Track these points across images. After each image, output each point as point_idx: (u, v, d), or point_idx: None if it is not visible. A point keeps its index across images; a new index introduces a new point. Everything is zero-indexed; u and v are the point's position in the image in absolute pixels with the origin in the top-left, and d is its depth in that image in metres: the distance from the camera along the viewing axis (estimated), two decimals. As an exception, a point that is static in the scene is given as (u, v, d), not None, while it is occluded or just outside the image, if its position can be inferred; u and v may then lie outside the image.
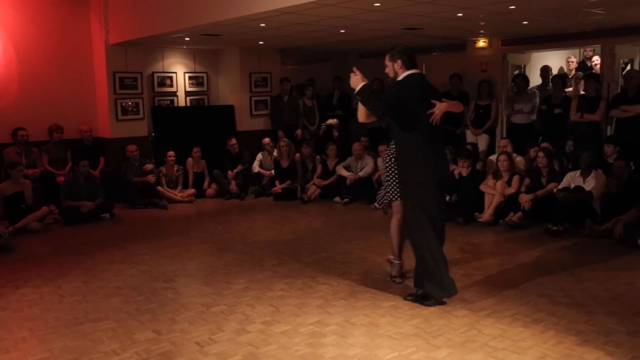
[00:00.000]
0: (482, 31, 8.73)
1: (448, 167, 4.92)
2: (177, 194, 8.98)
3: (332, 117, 10.27)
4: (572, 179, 6.82)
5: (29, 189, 7.43)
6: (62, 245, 6.57)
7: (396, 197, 4.68)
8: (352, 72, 4.46)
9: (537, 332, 3.87)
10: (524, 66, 10.12)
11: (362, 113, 4.60)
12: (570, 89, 9.05)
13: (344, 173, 8.75)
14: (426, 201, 4.28)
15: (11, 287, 5.04)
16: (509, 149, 7.69)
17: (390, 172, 4.69)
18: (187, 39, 8.83)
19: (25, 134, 8.26)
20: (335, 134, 10.05)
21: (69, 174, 8.13)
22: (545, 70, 9.33)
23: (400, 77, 4.42)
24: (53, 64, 8.91)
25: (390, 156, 4.65)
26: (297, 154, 9.33)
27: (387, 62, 4.50)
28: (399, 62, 4.42)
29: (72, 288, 4.99)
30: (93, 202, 7.71)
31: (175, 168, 9.14)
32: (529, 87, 8.94)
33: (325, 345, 3.74)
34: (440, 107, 4.27)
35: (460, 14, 6.69)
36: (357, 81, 4.39)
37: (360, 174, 8.68)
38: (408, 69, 4.42)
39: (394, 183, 4.66)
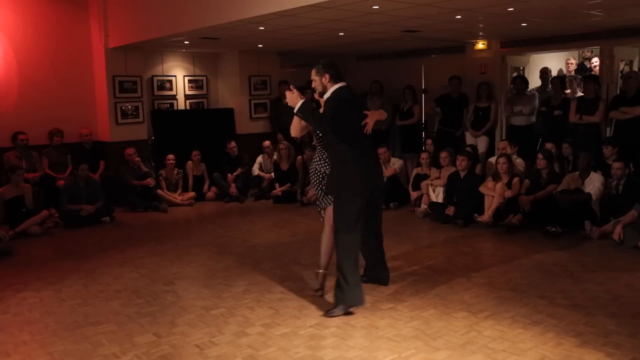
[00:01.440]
0: (481, 33, 8.74)
1: (382, 177, 4.98)
2: (177, 197, 8.99)
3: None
4: (571, 180, 6.83)
5: (29, 192, 7.44)
6: (62, 249, 6.58)
7: (328, 203, 4.63)
8: (289, 90, 4.51)
9: (536, 333, 3.87)
10: (523, 68, 10.13)
11: (295, 128, 4.70)
12: (569, 90, 9.06)
13: (344, 175, 8.73)
14: (355, 211, 4.31)
15: (11, 290, 5.05)
16: (509, 150, 7.70)
17: (318, 178, 4.66)
18: (186, 42, 8.85)
19: (25, 138, 8.28)
20: None
21: (69, 178, 8.14)
22: (544, 72, 9.34)
23: (329, 91, 4.49)
24: (53, 68, 8.92)
25: (317, 164, 4.66)
26: (299, 157, 9.33)
27: (315, 77, 4.55)
28: (327, 76, 4.49)
29: (72, 291, 5.00)
30: (93, 206, 7.72)
31: (175, 171, 9.14)
32: (528, 89, 8.96)
33: (325, 347, 3.74)
34: (372, 117, 4.46)
35: (459, 17, 6.70)
36: (295, 99, 4.44)
37: (360, 176, 8.66)
38: (335, 82, 4.49)
39: (323, 190, 4.64)
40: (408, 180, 8.65)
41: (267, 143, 9.75)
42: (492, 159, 7.93)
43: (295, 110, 4.45)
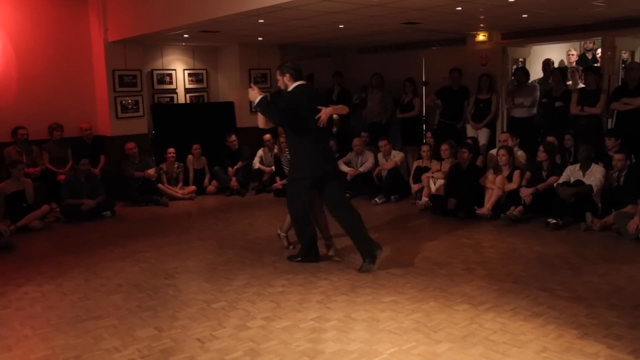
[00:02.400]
0: (481, 25, 8.70)
1: (334, 163, 5.79)
2: (177, 191, 8.99)
3: (332, 113, 10.23)
4: (572, 172, 6.81)
5: (30, 187, 7.44)
6: (64, 244, 6.58)
7: None
8: (250, 87, 5.21)
9: (537, 325, 3.87)
10: (523, 60, 10.07)
11: (261, 121, 5.36)
12: (571, 82, 9.03)
13: (345, 168, 8.75)
14: (304, 192, 5.19)
15: (13, 285, 5.06)
16: (510, 143, 7.68)
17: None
18: (185, 35, 8.82)
19: (26, 133, 8.27)
20: (334, 129, 10.03)
21: (69, 173, 8.14)
22: (546, 64, 9.31)
23: (290, 88, 5.20)
24: (52, 63, 8.90)
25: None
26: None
27: (278, 77, 5.27)
28: (288, 75, 5.21)
29: (73, 286, 5.00)
30: (94, 200, 7.73)
31: (176, 165, 9.14)
32: (529, 81, 8.92)
33: (326, 340, 3.74)
34: (325, 112, 5.10)
35: (460, 8, 6.67)
36: (255, 95, 5.11)
37: (361, 169, 8.67)
38: (296, 80, 5.20)
39: None
40: (409, 173, 8.65)
41: (267, 136, 9.73)
42: (493, 151, 7.91)
43: (254, 105, 5.14)
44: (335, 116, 10.03)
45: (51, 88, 8.86)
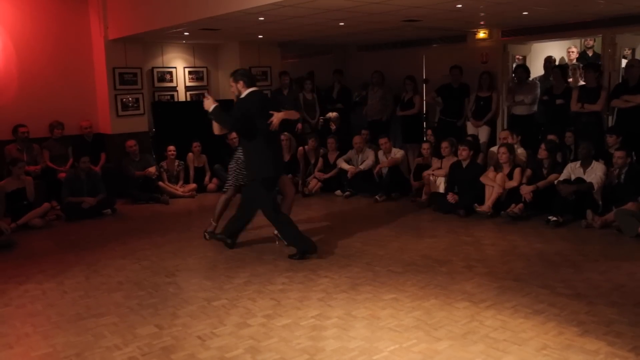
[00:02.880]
0: (482, 22, 8.69)
1: (281, 166, 6.00)
2: (178, 189, 9.00)
3: (333, 111, 10.25)
4: (572, 170, 6.81)
5: (30, 185, 7.44)
6: (64, 241, 6.59)
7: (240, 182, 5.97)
8: (205, 97, 5.54)
9: (538, 323, 3.88)
10: (521, 57, 10.04)
11: (216, 128, 5.61)
12: (572, 79, 9.02)
13: (345, 166, 8.75)
14: (262, 190, 5.53)
15: (14, 283, 5.06)
16: (510, 140, 7.68)
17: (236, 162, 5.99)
18: (186, 33, 8.81)
19: (26, 131, 8.27)
20: (333, 126, 10.03)
21: (70, 171, 8.14)
22: (548, 61, 9.30)
23: (243, 95, 5.47)
24: (52, 61, 8.90)
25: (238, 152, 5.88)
26: (300, 148, 9.32)
27: (232, 83, 5.55)
28: (242, 82, 5.50)
29: (74, 284, 5.01)
30: (94, 198, 7.73)
31: (176, 163, 9.14)
32: (530, 78, 8.91)
33: (327, 338, 3.75)
34: (277, 116, 5.41)
35: (460, 5, 6.66)
36: (209, 104, 5.43)
37: (361, 167, 8.67)
38: (249, 87, 5.50)
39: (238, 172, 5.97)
40: (409, 171, 8.64)
41: (268, 134, 9.72)
42: (494, 149, 7.90)
43: (209, 113, 5.42)
44: (333, 114, 10.10)
45: (51, 86, 8.87)
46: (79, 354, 3.62)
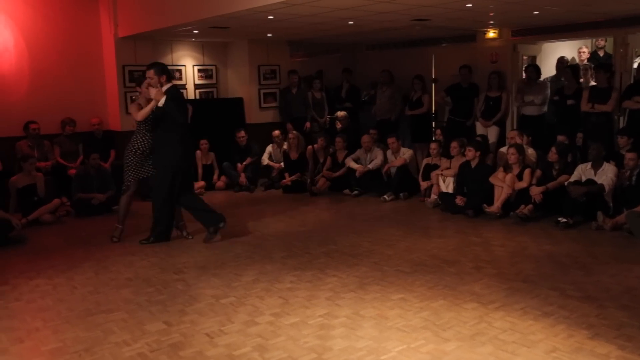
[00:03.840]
0: (492, 22, 8.65)
1: (191, 158, 6.56)
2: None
3: (341, 110, 10.24)
4: (583, 171, 6.77)
5: (41, 181, 7.49)
6: (74, 237, 6.62)
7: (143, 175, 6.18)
8: (150, 86, 5.86)
9: (547, 325, 3.85)
10: (528, 57, 9.97)
11: (143, 114, 5.89)
12: (583, 79, 8.96)
13: (353, 165, 8.74)
14: (171, 179, 5.93)
15: (24, 278, 5.10)
16: (518, 140, 7.64)
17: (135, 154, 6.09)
18: (195, 31, 8.83)
19: (37, 127, 8.33)
20: (339, 125, 10.02)
21: (80, 167, 8.18)
22: (560, 62, 9.24)
23: (165, 88, 5.85)
24: (63, 58, 8.95)
25: (138, 142, 6.01)
26: (309, 147, 9.32)
27: (153, 75, 5.86)
28: (165, 76, 5.91)
29: (83, 279, 5.04)
30: (104, 195, 7.77)
31: (185, 160, 9.15)
32: (540, 78, 8.86)
33: (334, 337, 3.75)
34: (190, 109, 6.14)
35: (470, 5, 6.63)
36: (159, 95, 5.78)
37: (370, 166, 8.66)
38: (168, 82, 5.93)
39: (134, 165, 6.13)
40: (418, 171, 8.62)
41: (276, 132, 9.75)
42: (503, 149, 7.86)
43: (161, 104, 5.74)
44: (341, 113, 10.09)
45: (62, 83, 8.92)
46: (88, 349, 3.64)
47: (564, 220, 6.42)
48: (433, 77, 10.55)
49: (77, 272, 5.23)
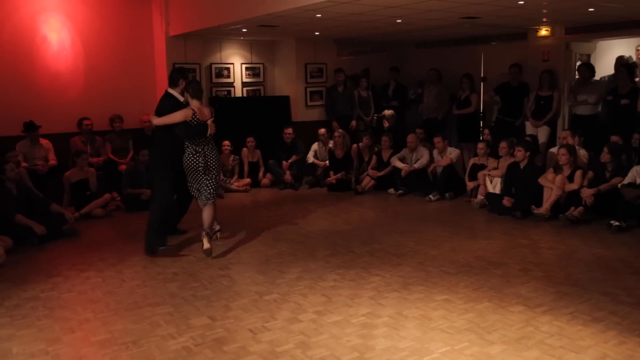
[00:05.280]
0: (544, 19, 8.43)
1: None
2: (232, 183, 9.14)
3: (388, 108, 10.18)
4: (638, 173, 6.52)
5: (93, 176, 7.73)
6: (124, 231, 6.81)
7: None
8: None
9: (597, 331, 3.74)
10: (580, 55, 9.67)
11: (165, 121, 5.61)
12: (638, 79, 8.63)
13: (399, 164, 8.68)
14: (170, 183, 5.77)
15: (76, 270, 5.28)
16: (569, 141, 7.42)
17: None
18: (244, 30, 8.94)
19: (90, 124, 8.60)
20: (386, 124, 9.96)
21: (130, 163, 8.40)
22: (619, 61, 8.92)
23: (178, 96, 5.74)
24: (116, 56, 9.21)
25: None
26: (354, 145, 9.30)
27: (183, 82, 5.68)
28: (183, 82, 5.69)
29: (132, 273, 5.18)
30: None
31: (231, 158, 9.29)
32: (596, 77, 8.58)
33: (377, 336, 3.73)
34: None
35: (522, 2, 6.49)
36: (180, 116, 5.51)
37: (416, 165, 8.58)
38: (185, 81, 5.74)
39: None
40: (464, 170, 8.49)
41: (322, 131, 9.76)
42: (554, 150, 7.66)
43: (178, 130, 5.53)
44: (388, 112, 10.03)
45: (114, 81, 9.18)
46: (135, 341, 3.73)
47: (617, 223, 6.20)
48: (482, 75, 10.36)
49: (125, 266, 5.38)
